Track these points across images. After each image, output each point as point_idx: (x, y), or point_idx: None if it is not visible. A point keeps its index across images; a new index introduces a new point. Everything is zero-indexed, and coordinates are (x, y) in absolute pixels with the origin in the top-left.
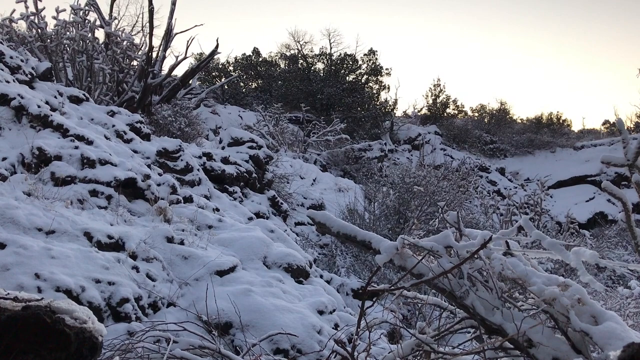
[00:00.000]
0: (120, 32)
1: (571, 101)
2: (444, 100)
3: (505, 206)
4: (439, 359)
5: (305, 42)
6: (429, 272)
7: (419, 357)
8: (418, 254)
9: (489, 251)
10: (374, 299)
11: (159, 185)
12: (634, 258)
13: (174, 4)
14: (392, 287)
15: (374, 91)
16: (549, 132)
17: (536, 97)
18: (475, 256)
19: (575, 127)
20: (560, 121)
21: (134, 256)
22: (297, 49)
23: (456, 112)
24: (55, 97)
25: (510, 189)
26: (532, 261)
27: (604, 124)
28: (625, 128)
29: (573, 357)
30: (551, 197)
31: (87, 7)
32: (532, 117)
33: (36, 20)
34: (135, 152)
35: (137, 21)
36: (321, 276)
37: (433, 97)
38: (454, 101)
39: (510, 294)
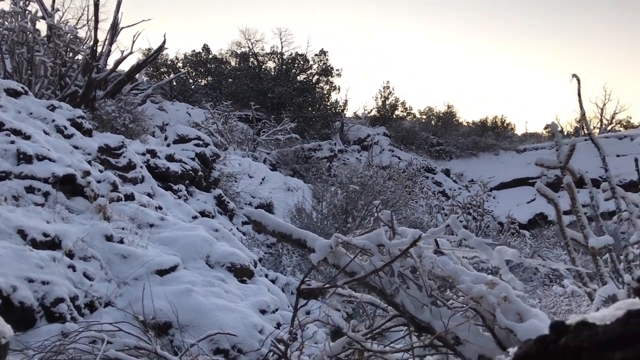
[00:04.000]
0: (63, 25)
1: (515, 106)
2: (393, 102)
3: (450, 206)
4: (371, 357)
5: (257, 41)
6: (361, 271)
7: (351, 356)
8: (352, 253)
9: (420, 250)
10: (312, 298)
11: (99, 182)
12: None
13: None
14: (326, 286)
15: (325, 91)
16: (493, 136)
17: (482, 101)
18: (406, 254)
19: (519, 131)
20: (504, 125)
21: (70, 255)
22: (248, 47)
23: (405, 114)
24: None
25: (455, 190)
26: (463, 260)
27: (545, 128)
28: (562, 132)
29: (498, 354)
30: (494, 198)
31: None
32: (478, 120)
33: None
34: (76, 147)
35: (82, 14)
36: (266, 275)
37: (382, 99)
38: (403, 103)
39: (442, 292)
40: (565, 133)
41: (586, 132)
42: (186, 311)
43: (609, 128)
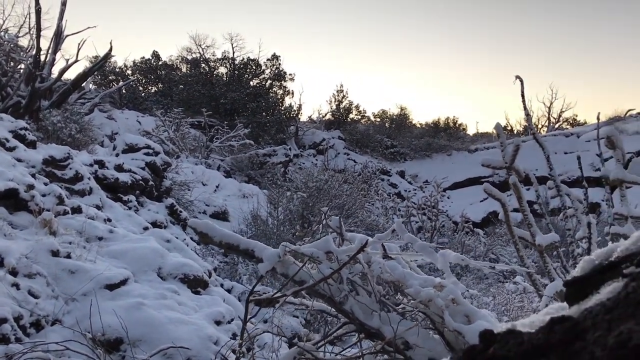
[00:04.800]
0: (3, 33)
1: (466, 106)
2: (347, 105)
3: (405, 208)
4: None
5: (207, 46)
6: (309, 279)
7: None
8: (301, 261)
9: (368, 255)
10: (263, 307)
11: (44, 195)
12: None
13: (64, 4)
14: (275, 295)
15: (279, 96)
16: (445, 136)
17: (434, 103)
18: (355, 260)
19: (470, 131)
20: (457, 125)
21: (14, 272)
22: (199, 53)
23: (359, 117)
24: None
25: (410, 191)
26: (411, 264)
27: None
28: (512, 131)
29: (447, 356)
30: (448, 198)
31: None
32: (430, 121)
33: None
34: (19, 160)
35: (24, 22)
36: (222, 285)
37: (336, 103)
38: (357, 107)
39: (392, 297)
40: (515, 132)
41: (539, 129)
42: (138, 326)
43: (556, 126)
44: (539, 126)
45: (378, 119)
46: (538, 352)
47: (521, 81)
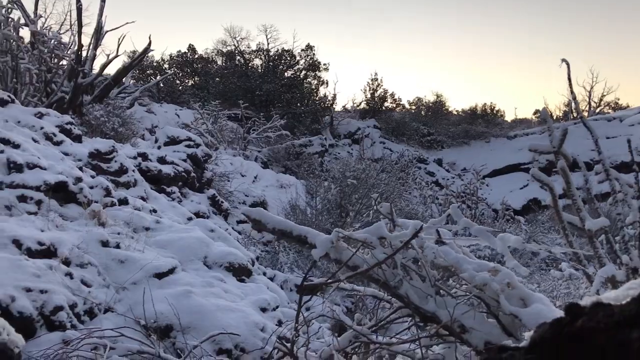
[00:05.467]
0: (46, 31)
1: (504, 92)
2: (382, 94)
3: (444, 196)
4: (375, 350)
5: (242, 39)
6: (363, 264)
7: (357, 349)
8: (353, 247)
9: (421, 240)
10: (314, 294)
11: (91, 188)
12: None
13: (103, 1)
14: (328, 281)
15: (313, 86)
16: (483, 123)
17: (470, 89)
18: (408, 246)
19: (508, 117)
20: (494, 112)
21: (67, 262)
22: (234, 46)
23: (394, 105)
24: None
25: (448, 179)
26: (464, 249)
27: (535, 113)
28: (551, 117)
29: (504, 339)
30: (487, 185)
31: (9, 5)
32: (467, 108)
33: None
34: (66, 154)
35: (65, 19)
36: (264, 273)
37: (371, 92)
38: (392, 95)
39: (444, 282)
40: (554, 117)
41: (576, 115)
42: (187, 313)
43: (597, 110)
44: (580, 110)
45: (413, 107)
46: (630, 323)
47: (567, 65)
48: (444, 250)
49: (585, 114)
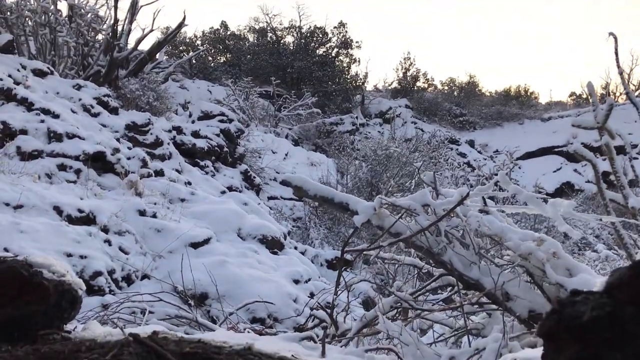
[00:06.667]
0: (84, 4)
1: (538, 74)
2: (414, 73)
3: (476, 177)
4: (417, 315)
5: (274, 15)
6: (406, 231)
7: (397, 315)
8: (396, 214)
9: (465, 208)
10: (348, 267)
11: (128, 159)
12: (599, 225)
13: None
14: (371, 246)
15: (345, 65)
16: (517, 105)
17: (504, 70)
18: (452, 214)
19: (543, 100)
20: (528, 94)
21: (105, 230)
22: (266, 22)
23: (426, 85)
24: (19, 70)
25: (480, 161)
26: (508, 219)
27: (570, 95)
28: (580, 99)
29: (549, 308)
30: (520, 168)
31: None
32: (501, 90)
33: None
34: (104, 126)
35: None
36: (295, 248)
37: (403, 71)
38: (424, 74)
39: (487, 251)
40: (595, 92)
41: (616, 97)
42: (222, 282)
43: (636, 93)
44: (617, 94)
45: (446, 87)
46: None
47: (615, 38)
48: (488, 219)
49: (622, 98)
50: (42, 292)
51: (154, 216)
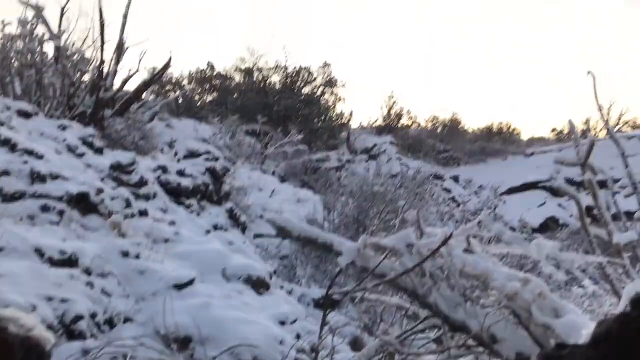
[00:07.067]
0: (70, 46)
1: (519, 110)
2: (398, 111)
3: (460, 213)
4: (404, 359)
5: (260, 55)
6: (391, 272)
7: (383, 359)
8: (380, 254)
9: (450, 248)
10: (335, 307)
11: (112, 199)
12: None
13: (125, 17)
14: (355, 288)
15: (330, 103)
16: (500, 141)
17: (486, 106)
18: (437, 254)
19: (525, 135)
20: (510, 130)
21: (88, 272)
22: (253, 62)
23: (410, 122)
24: (3, 111)
25: (465, 196)
26: (493, 259)
27: (552, 131)
28: (560, 134)
29: (535, 351)
30: (504, 203)
31: (34, 20)
32: (483, 126)
33: None
34: (88, 166)
35: (87, 35)
36: (282, 287)
37: (387, 108)
38: (408, 112)
39: (473, 291)
40: (575, 129)
41: (597, 132)
42: (206, 324)
43: (616, 129)
44: (599, 129)
45: (430, 124)
46: None
47: (593, 76)
48: (473, 259)
49: (603, 132)
50: (7, 350)
51: (137, 257)
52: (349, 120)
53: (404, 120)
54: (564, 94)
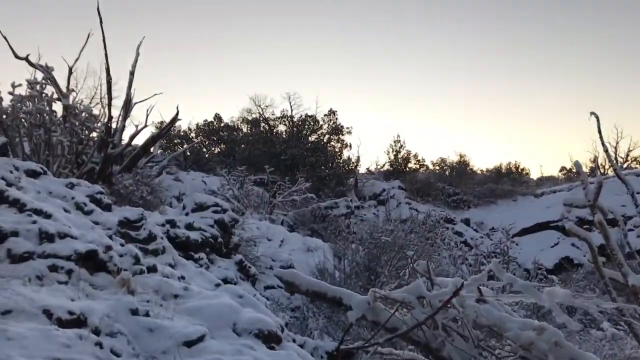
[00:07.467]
0: (78, 104)
1: (527, 150)
2: (405, 155)
3: (473, 256)
4: None
5: (266, 106)
6: (402, 325)
7: None
8: (390, 307)
9: (461, 299)
10: (350, 357)
11: (121, 256)
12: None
13: (132, 74)
14: (366, 344)
15: (337, 150)
16: (509, 182)
17: (493, 147)
18: (449, 305)
19: (534, 175)
20: (519, 170)
21: (97, 332)
22: (259, 113)
23: (417, 166)
24: (11, 172)
25: (477, 239)
26: (506, 307)
27: (560, 170)
28: (569, 174)
29: None
30: (517, 244)
31: (43, 81)
32: (492, 167)
33: None
34: (97, 223)
35: (95, 93)
36: (294, 340)
37: (394, 153)
38: (415, 156)
39: (487, 342)
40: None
41: (606, 170)
42: None
43: (624, 166)
44: (606, 167)
45: (437, 167)
46: None
47: (597, 117)
48: (486, 308)
49: (611, 170)
50: None
51: (147, 315)
52: (356, 166)
53: (412, 164)
54: (573, 129)
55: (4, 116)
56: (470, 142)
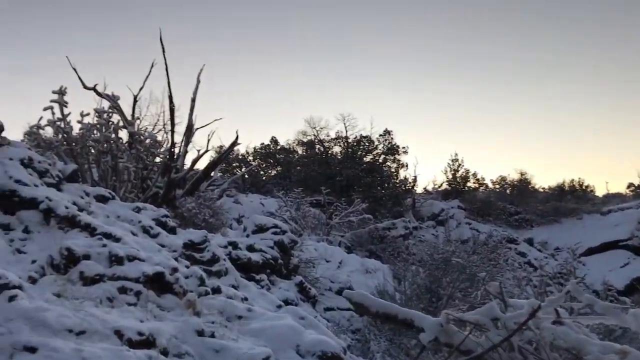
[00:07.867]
0: (143, 131)
1: (591, 166)
2: (464, 174)
3: (538, 277)
4: None
5: (321, 128)
6: (477, 348)
7: None
8: (463, 330)
9: (538, 320)
10: None
11: (186, 277)
12: None
13: (193, 100)
14: None
15: (393, 170)
16: (573, 199)
17: (555, 165)
18: (524, 327)
19: (599, 192)
20: (583, 187)
21: (165, 352)
22: (314, 135)
23: (477, 185)
24: (82, 197)
25: (541, 260)
26: (584, 329)
27: (628, 187)
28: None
29: None
30: (584, 265)
31: (110, 110)
32: (554, 185)
33: (62, 125)
34: (162, 246)
35: (158, 119)
36: None
37: (452, 172)
38: (474, 174)
39: None
40: None
41: None
42: None
43: None
44: None
45: (497, 186)
46: None
47: None
48: (563, 331)
49: None
50: None
51: (212, 336)
52: (413, 186)
53: (471, 183)
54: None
55: (74, 144)
56: (530, 160)
